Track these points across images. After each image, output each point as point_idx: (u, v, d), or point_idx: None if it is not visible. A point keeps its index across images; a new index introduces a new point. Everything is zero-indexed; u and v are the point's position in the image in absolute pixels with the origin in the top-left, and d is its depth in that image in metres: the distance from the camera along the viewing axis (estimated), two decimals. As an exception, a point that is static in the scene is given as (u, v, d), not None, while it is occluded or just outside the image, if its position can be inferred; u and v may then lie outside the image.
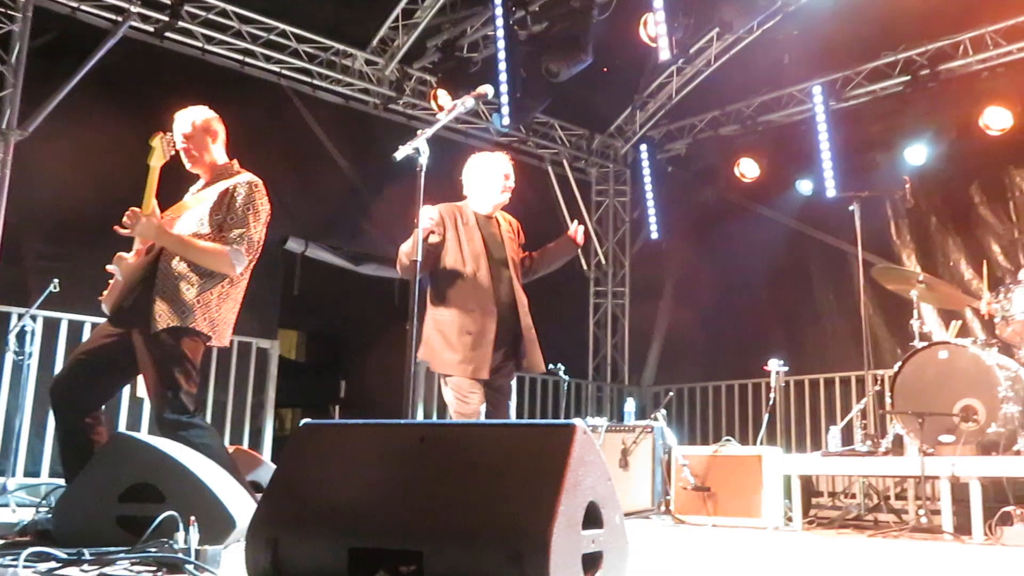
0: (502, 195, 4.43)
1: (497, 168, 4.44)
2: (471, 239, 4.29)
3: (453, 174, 7.86)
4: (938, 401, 5.41)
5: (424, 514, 1.85)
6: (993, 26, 7.55)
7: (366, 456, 2.04)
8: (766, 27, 8.16)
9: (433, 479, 1.90)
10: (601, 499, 1.90)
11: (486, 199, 4.42)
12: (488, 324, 4.17)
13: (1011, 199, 7.56)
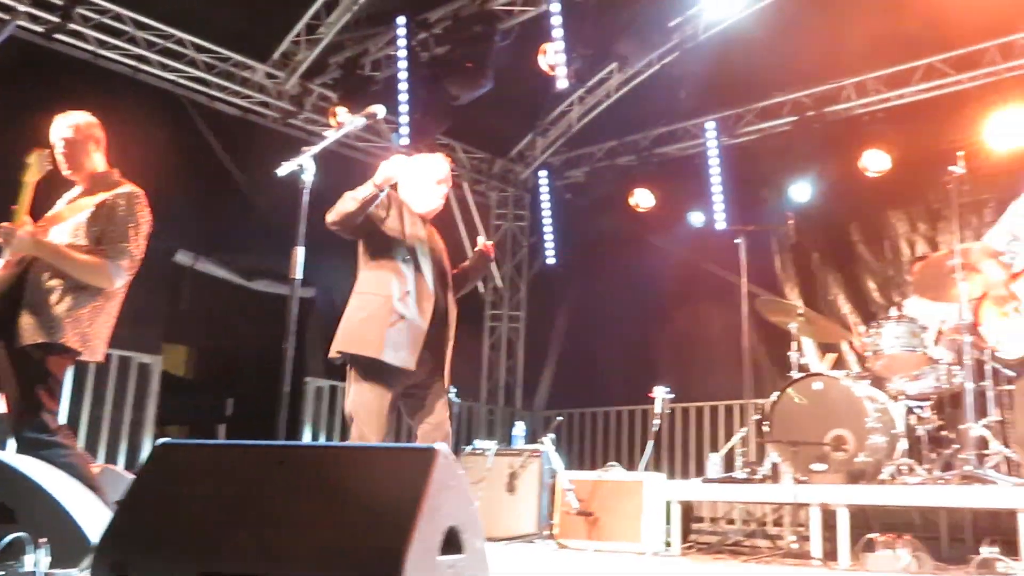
0: (439, 199, 4.22)
1: (436, 170, 4.23)
2: (414, 228, 4.06)
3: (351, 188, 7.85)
4: (811, 431, 5.61)
5: (278, 538, 1.83)
6: (874, 73, 7.94)
7: (223, 477, 2.00)
8: (665, 62, 8.42)
9: (289, 502, 1.88)
10: (462, 524, 1.91)
11: (422, 201, 4.19)
12: (424, 311, 3.89)
13: (886, 239, 7.93)
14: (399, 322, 3.81)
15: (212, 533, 1.91)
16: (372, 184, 3.81)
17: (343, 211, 3.83)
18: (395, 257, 3.94)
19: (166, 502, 2.01)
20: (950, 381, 5.66)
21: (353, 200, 3.81)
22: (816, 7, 7.28)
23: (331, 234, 7.72)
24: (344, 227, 3.87)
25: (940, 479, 5.14)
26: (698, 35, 7.98)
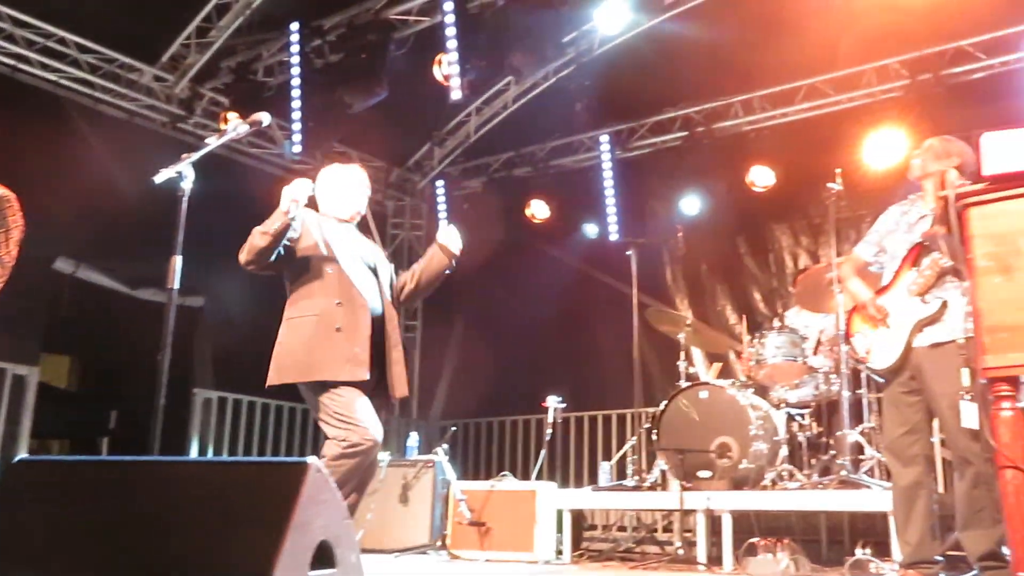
0: (362, 203, 4.11)
1: (354, 178, 4.14)
2: (336, 236, 3.90)
3: (244, 198, 7.68)
4: (698, 439, 5.74)
5: (139, 556, 1.78)
6: (761, 92, 8.22)
7: (82, 495, 1.93)
8: (560, 75, 8.53)
9: (151, 519, 1.82)
10: (335, 538, 1.88)
11: (344, 206, 4.07)
12: (361, 319, 3.72)
13: (771, 251, 8.21)
14: (336, 335, 3.66)
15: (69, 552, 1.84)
16: (280, 213, 3.66)
17: (256, 248, 3.67)
18: (319, 273, 3.80)
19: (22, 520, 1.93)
20: (829, 389, 5.89)
21: (264, 235, 3.66)
22: (705, 27, 7.48)
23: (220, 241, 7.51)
24: (260, 264, 3.72)
25: (818, 484, 5.34)
26: (593, 50, 8.12)
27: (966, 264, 2.28)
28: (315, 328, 3.69)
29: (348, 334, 3.67)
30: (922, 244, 3.99)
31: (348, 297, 3.75)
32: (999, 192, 2.24)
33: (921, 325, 3.94)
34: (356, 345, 3.66)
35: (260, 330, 7.89)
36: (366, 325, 3.72)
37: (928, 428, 4.12)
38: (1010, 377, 2.18)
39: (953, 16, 6.92)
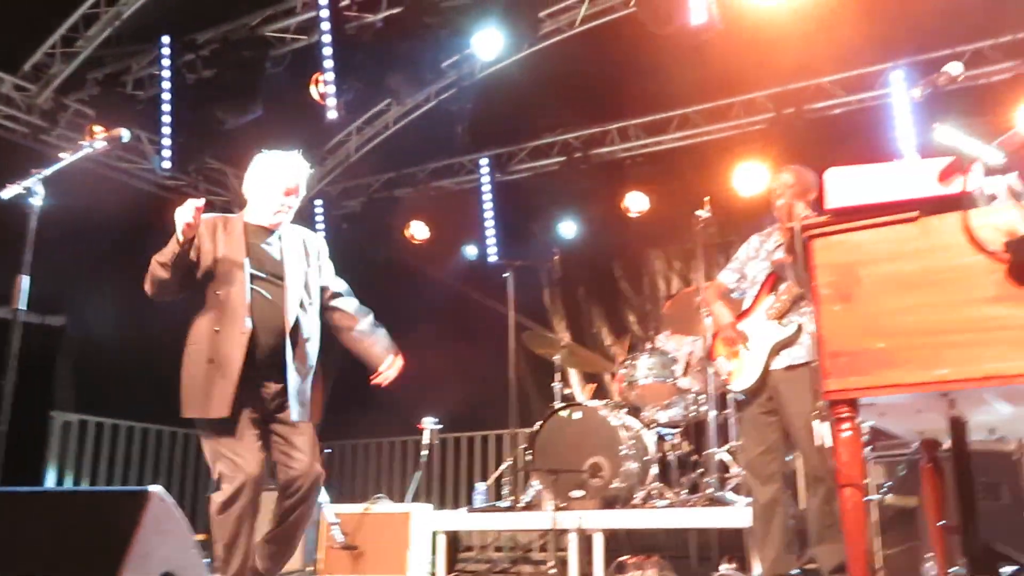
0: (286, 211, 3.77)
1: (279, 177, 3.74)
2: (230, 249, 3.62)
3: (113, 214, 7.40)
4: (571, 459, 5.81)
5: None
6: (636, 120, 8.45)
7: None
8: (442, 98, 8.57)
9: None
10: (180, 568, 1.82)
11: (263, 211, 3.76)
12: (236, 349, 3.48)
13: (646, 275, 8.43)
14: (206, 367, 3.50)
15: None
16: (173, 241, 3.48)
17: (157, 280, 3.54)
18: (205, 297, 3.61)
19: None
20: (698, 410, 6.05)
21: (161, 266, 3.51)
22: (582, 56, 7.65)
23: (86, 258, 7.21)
24: (165, 293, 3.58)
25: (687, 502, 5.48)
26: (474, 74, 8.19)
27: (811, 292, 2.39)
28: (192, 359, 3.57)
29: (219, 366, 3.49)
30: (777, 273, 4.17)
31: (230, 322, 3.53)
32: (840, 225, 2.36)
33: (778, 348, 4.12)
34: (224, 378, 3.46)
35: (128, 350, 7.66)
36: (238, 357, 3.48)
37: (784, 447, 4.29)
38: (849, 400, 2.29)
39: (816, 54, 7.28)
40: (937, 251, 2.25)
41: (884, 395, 2.28)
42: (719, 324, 4.38)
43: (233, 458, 3.42)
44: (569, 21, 7.80)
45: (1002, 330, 2.13)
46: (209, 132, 7.05)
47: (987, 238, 2.18)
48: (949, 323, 2.19)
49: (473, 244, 8.82)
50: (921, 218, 2.27)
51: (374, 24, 6.59)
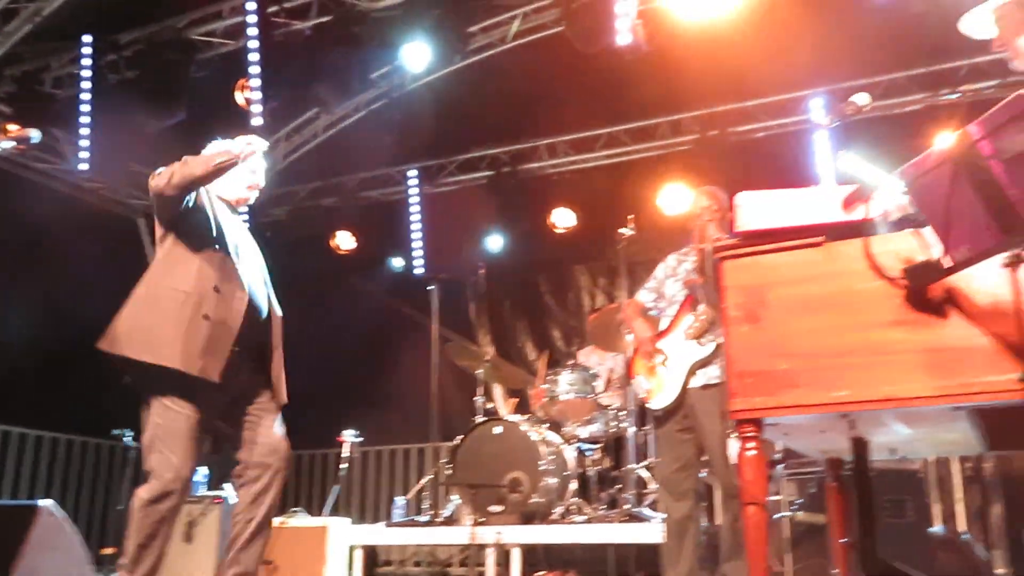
0: (250, 192, 3.68)
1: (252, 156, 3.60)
2: (226, 217, 3.52)
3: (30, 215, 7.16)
4: (491, 473, 5.80)
5: None
6: (565, 136, 8.53)
7: None
8: (371, 108, 8.53)
9: None
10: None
11: (234, 188, 3.65)
12: (234, 313, 3.33)
13: (571, 291, 8.50)
14: (201, 323, 3.25)
15: None
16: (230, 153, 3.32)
17: (190, 176, 3.26)
18: (202, 247, 3.37)
19: None
20: (618, 426, 6.10)
21: (203, 163, 3.28)
22: (512, 72, 7.70)
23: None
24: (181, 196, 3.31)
25: (605, 517, 5.51)
26: (405, 85, 8.18)
27: (720, 313, 2.44)
28: (180, 306, 3.26)
29: (216, 326, 3.27)
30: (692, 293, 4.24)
31: (228, 286, 3.35)
32: (750, 247, 2.41)
33: (695, 367, 4.18)
34: (220, 341, 3.27)
35: (35, 356, 7.41)
36: (236, 322, 3.32)
37: (699, 464, 4.35)
38: (754, 419, 2.34)
39: (740, 78, 7.46)
40: (841, 276, 2.31)
41: (787, 415, 2.33)
42: (639, 340, 4.43)
43: (169, 456, 3.24)
44: (501, 36, 7.85)
45: (899, 354, 2.20)
46: (130, 134, 6.88)
47: (887, 264, 2.25)
48: (850, 346, 2.25)
49: (399, 256, 8.78)
50: (826, 243, 2.34)
51: (303, 31, 6.53)
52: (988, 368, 2.10)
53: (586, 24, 6.06)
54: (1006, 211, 1.99)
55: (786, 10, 6.76)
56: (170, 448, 3.24)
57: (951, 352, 2.15)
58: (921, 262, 2.17)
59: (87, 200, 8.51)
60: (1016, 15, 2.65)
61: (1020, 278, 2.04)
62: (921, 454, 3.83)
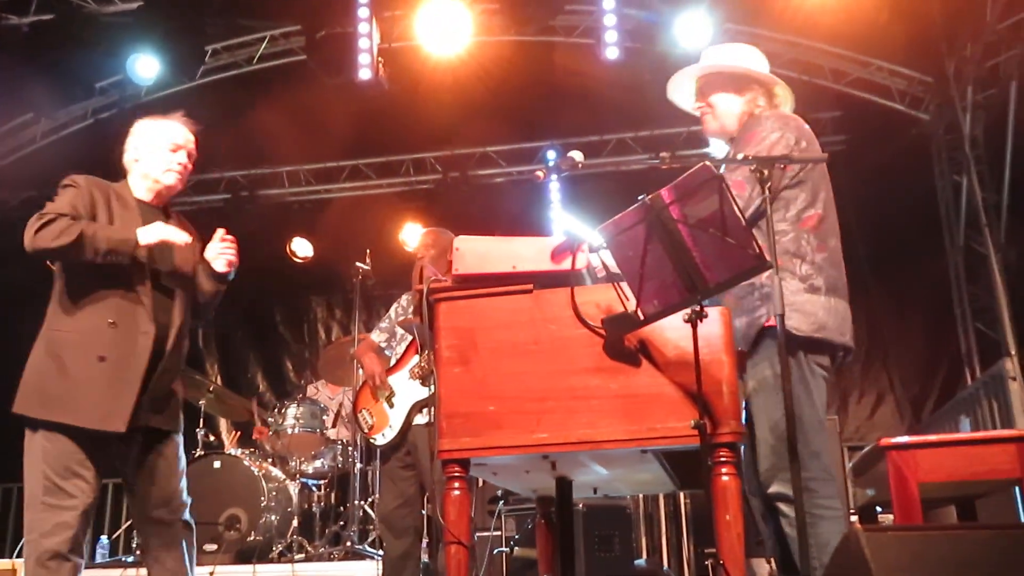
0: (166, 175, 3.15)
1: (169, 131, 3.19)
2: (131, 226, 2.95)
3: None
4: (207, 509, 5.51)
5: None
6: (306, 165, 8.41)
7: None
8: (100, 117, 7.97)
9: None
10: None
11: (147, 181, 3.15)
12: (140, 348, 2.86)
13: (307, 322, 8.33)
14: (95, 367, 2.81)
15: None
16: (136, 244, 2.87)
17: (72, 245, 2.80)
18: (95, 278, 2.90)
19: None
20: (346, 461, 6.03)
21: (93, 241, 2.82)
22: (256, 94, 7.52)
23: None
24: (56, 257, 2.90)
25: (326, 555, 5.41)
26: (139, 96, 7.71)
27: (434, 353, 2.48)
28: (72, 351, 2.84)
29: (114, 367, 2.84)
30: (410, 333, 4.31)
31: (130, 317, 2.91)
32: (464, 291, 2.48)
33: (419, 406, 4.23)
34: (123, 383, 2.83)
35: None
36: (143, 356, 2.87)
37: (420, 501, 4.39)
38: (461, 459, 2.39)
39: (482, 124, 7.71)
40: (548, 322, 2.42)
41: (492, 456, 2.40)
42: (368, 375, 4.42)
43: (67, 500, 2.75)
44: (247, 56, 7.65)
45: (595, 399, 2.33)
46: None
47: (589, 313, 2.39)
48: (551, 390, 2.36)
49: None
50: (536, 291, 2.45)
51: (20, 27, 5.98)
52: (670, 415, 2.28)
53: (329, 56, 6.04)
54: (690, 271, 2.18)
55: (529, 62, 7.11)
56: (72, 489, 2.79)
57: (641, 399, 2.31)
58: (619, 314, 2.33)
59: None
60: (717, 79, 2.96)
61: (700, 333, 2.23)
62: (622, 492, 4.06)
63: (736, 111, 2.91)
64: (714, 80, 2.96)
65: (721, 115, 2.93)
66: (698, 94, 3.01)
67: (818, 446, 2.61)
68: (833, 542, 2.41)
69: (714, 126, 2.97)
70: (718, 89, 2.94)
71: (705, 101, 2.97)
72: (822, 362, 2.69)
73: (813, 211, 2.72)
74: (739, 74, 2.92)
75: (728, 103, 2.93)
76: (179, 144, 3.22)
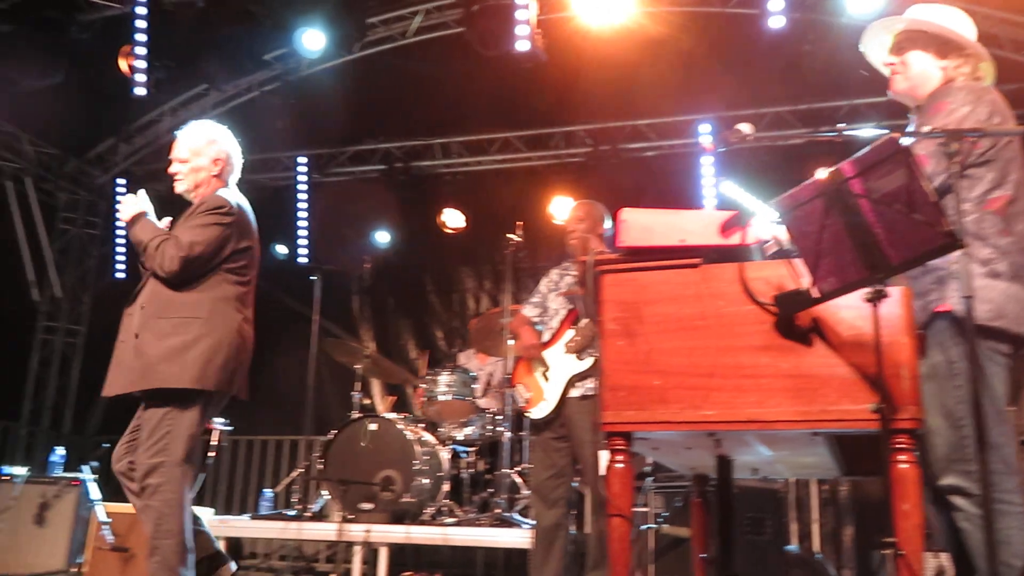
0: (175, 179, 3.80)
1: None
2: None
3: None
4: (363, 470, 5.73)
5: None
6: (459, 138, 8.51)
7: None
8: (265, 90, 8.31)
9: None
10: None
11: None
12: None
13: (456, 292, 8.48)
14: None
15: None
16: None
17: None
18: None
19: None
20: (494, 430, 6.12)
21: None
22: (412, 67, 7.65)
23: None
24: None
25: (476, 520, 5.52)
26: (300, 70, 8.01)
27: (598, 325, 2.47)
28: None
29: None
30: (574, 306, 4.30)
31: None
32: (629, 263, 2.46)
33: (574, 380, 4.24)
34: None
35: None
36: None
37: (572, 473, 4.41)
38: (624, 432, 2.38)
39: (635, 97, 7.60)
40: (715, 298, 2.38)
41: (656, 431, 2.38)
42: (524, 349, 4.46)
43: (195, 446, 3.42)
44: (402, 30, 7.79)
45: (764, 378, 2.27)
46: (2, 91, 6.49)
47: (759, 290, 2.32)
48: (718, 367, 2.32)
49: (283, 243, 8.56)
50: (703, 265, 2.40)
51: (195, 3, 6.29)
52: (844, 397, 2.20)
53: (486, 28, 6.07)
54: (872, 248, 2.09)
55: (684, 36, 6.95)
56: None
57: (813, 379, 2.24)
58: (791, 291, 2.26)
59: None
60: (918, 37, 2.78)
61: (880, 313, 2.13)
62: (782, 475, 3.97)
63: (931, 74, 2.74)
64: (915, 37, 2.78)
65: (914, 76, 2.77)
66: (894, 48, 2.83)
67: (997, 437, 2.46)
68: (1015, 539, 2.28)
69: (903, 86, 2.80)
70: (918, 47, 2.77)
71: (900, 58, 2.80)
72: (1001, 349, 2.53)
73: (1000, 192, 2.54)
74: (944, 36, 2.73)
75: (924, 64, 2.75)
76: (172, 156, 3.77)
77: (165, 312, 3.45)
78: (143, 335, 3.43)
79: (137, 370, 3.40)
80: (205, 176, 3.73)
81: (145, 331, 3.43)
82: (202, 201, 3.62)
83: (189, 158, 3.71)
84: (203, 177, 3.72)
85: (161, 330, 3.41)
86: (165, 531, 3.33)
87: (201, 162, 3.71)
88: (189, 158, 3.71)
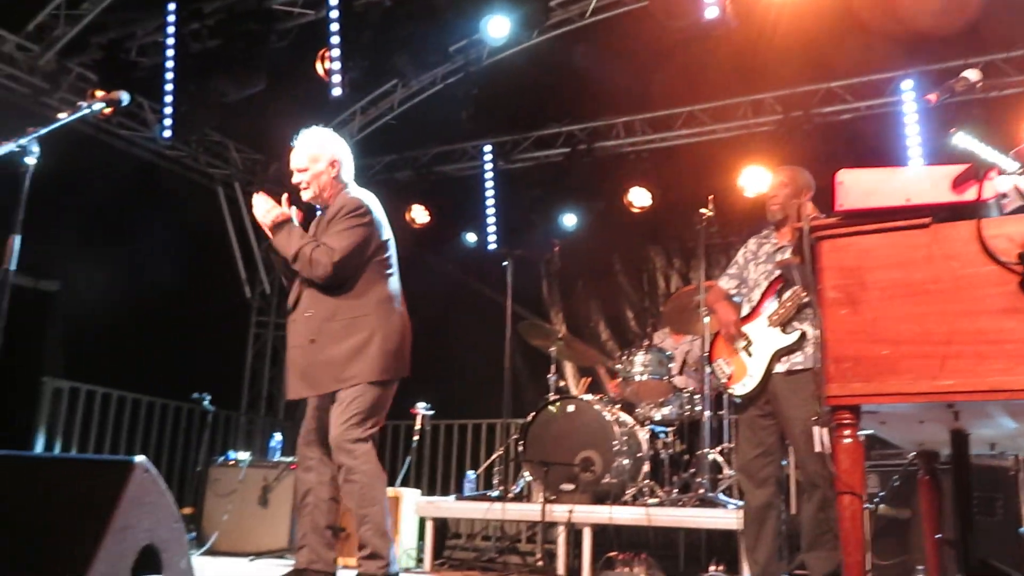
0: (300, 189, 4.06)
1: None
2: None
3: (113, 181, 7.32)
4: (563, 451, 5.77)
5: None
6: (642, 115, 8.39)
7: None
8: (448, 82, 8.51)
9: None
10: (163, 543, 1.78)
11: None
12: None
13: (645, 272, 8.38)
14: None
15: None
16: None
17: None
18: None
19: None
20: (692, 409, 6.01)
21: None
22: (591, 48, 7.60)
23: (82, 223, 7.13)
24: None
25: (677, 501, 5.44)
26: (482, 59, 8.13)
27: (817, 294, 2.35)
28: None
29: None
30: (783, 276, 4.12)
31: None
32: (850, 227, 2.31)
33: (780, 354, 4.07)
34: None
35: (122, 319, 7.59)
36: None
37: (780, 451, 4.25)
38: (851, 406, 2.25)
39: (825, 59, 7.23)
40: (948, 259, 2.20)
41: (887, 403, 2.23)
42: (723, 324, 4.33)
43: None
44: (580, 11, 7.75)
45: (1010, 343, 2.09)
46: (211, 103, 6.96)
47: (1000, 248, 2.13)
48: (956, 333, 2.14)
49: (473, 231, 8.75)
50: (933, 225, 2.23)
51: (382, 2, 6.50)
52: (1110, 361, 1.98)
53: (670, 0, 5.91)
54: None
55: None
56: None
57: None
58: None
59: (168, 168, 8.68)
60: None
61: None
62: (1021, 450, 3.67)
63: None
64: None
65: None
66: None
67: None
68: None
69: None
70: None
71: None
72: None
73: None
74: None
75: None
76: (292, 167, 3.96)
77: (334, 316, 3.74)
78: (319, 340, 3.73)
79: (327, 374, 3.72)
80: (327, 179, 3.91)
81: (320, 336, 3.73)
82: (340, 206, 3.83)
83: (309, 165, 3.91)
84: (325, 181, 3.91)
85: (335, 333, 3.71)
86: (370, 499, 3.69)
87: (320, 167, 3.91)
88: (309, 165, 3.91)
